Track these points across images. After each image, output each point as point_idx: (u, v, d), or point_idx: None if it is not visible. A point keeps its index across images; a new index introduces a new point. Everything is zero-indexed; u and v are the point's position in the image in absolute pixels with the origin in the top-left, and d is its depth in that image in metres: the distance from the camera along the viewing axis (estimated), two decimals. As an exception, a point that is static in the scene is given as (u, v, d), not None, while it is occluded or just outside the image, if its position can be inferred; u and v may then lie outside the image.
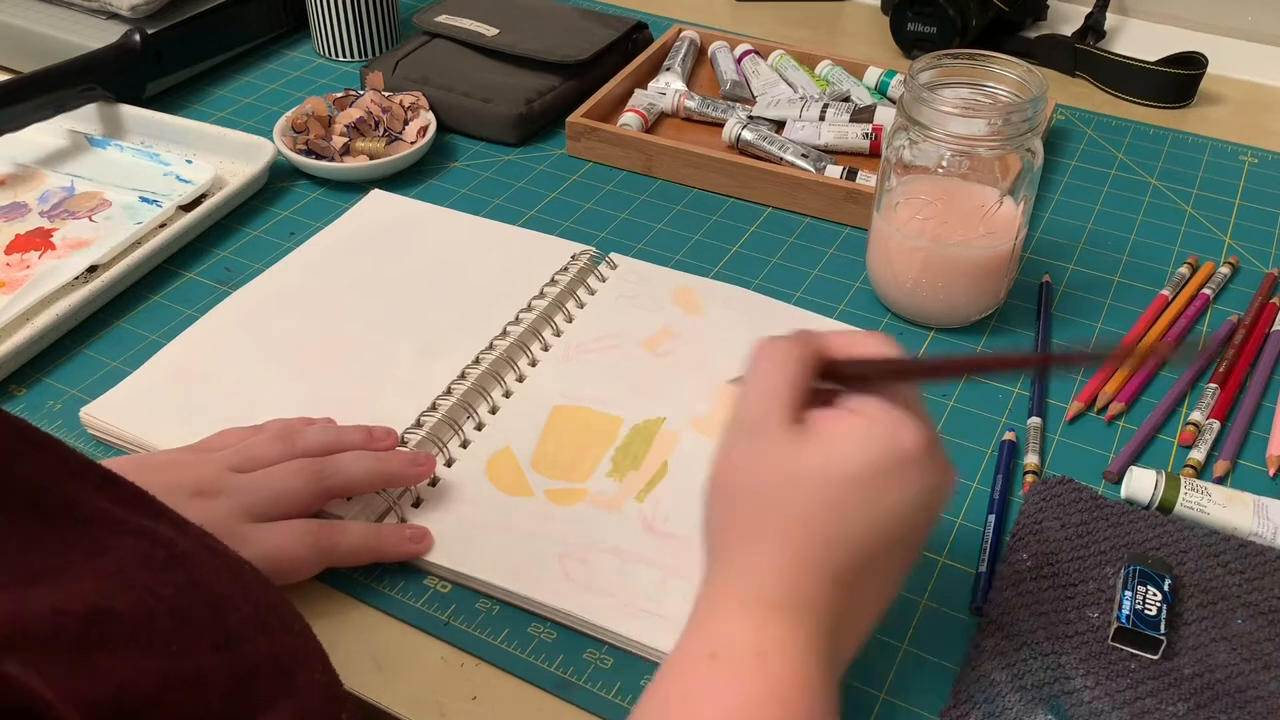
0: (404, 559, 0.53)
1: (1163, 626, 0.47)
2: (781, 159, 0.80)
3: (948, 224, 0.63)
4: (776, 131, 0.83)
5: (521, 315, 0.66)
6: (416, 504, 0.55)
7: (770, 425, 0.41)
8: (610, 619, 0.49)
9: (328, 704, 0.37)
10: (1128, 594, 0.49)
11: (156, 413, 0.59)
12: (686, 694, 0.39)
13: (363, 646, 0.50)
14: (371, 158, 0.80)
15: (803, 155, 0.80)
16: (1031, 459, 0.58)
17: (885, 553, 0.42)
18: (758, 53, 0.94)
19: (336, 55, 0.96)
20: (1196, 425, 0.60)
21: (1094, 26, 0.98)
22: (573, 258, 0.70)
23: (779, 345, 0.43)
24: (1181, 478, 0.55)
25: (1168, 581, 0.49)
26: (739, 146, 0.82)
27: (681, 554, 0.52)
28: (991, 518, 0.55)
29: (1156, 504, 0.55)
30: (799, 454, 0.41)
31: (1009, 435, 0.59)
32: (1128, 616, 0.48)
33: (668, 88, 0.89)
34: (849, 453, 0.40)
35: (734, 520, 0.42)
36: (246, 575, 0.38)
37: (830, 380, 0.44)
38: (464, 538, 0.53)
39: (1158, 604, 0.48)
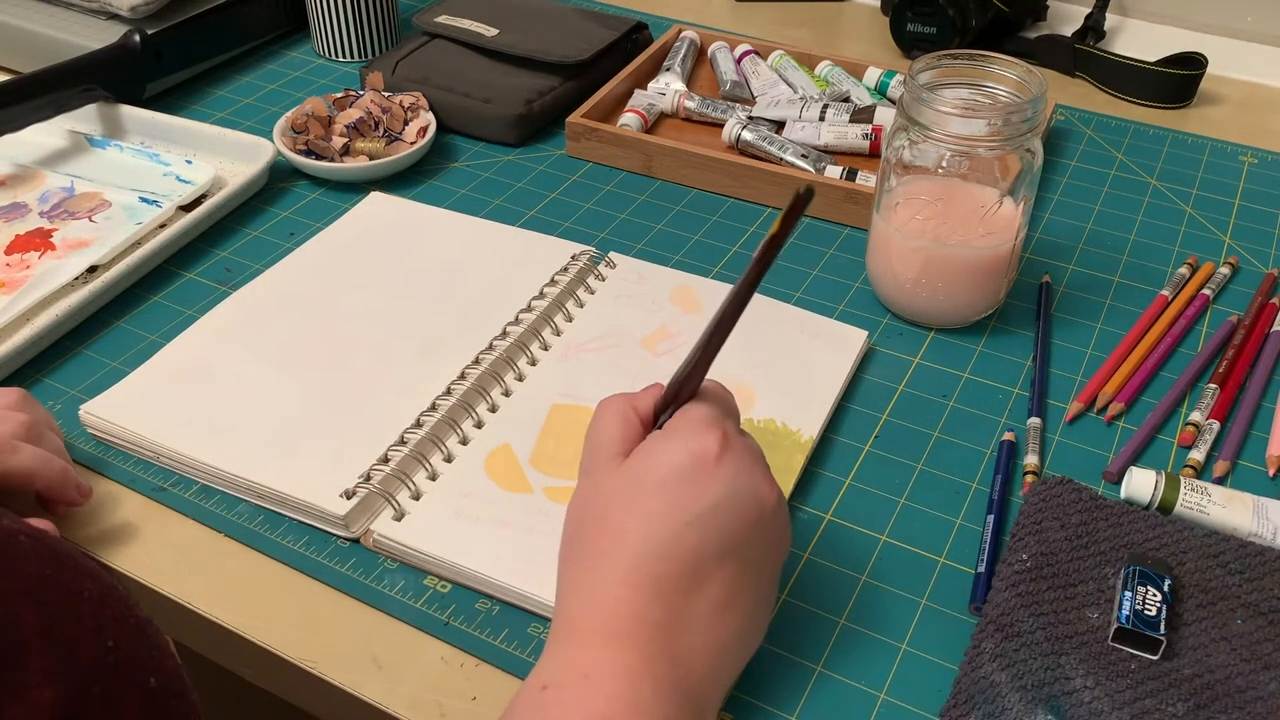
0: (67, 503, 0.54)
1: (1162, 627, 0.47)
2: (781, 159, 0.80)
3: (947, 224, 0.63)
4: (776, 132, 0.83)
5: (521, 315, 0.66)
6: (416, 497, 0.55)
7: (599, 464, 0.45)
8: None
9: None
10: (1127, 594, 0.49)
11: (156, 411, 0.59)
12: None
13: (363, 646, 0.50)
14: (371, 158, 0.80)
15: (803, 155, 0.80)
16: (1031, 459, 0.58)
17: (715, 563, 0.43)
18: (757, 53, 0.94)
19: (336, 55, 0.96)
20: (1196, 425, 0.60)
21: (1094, 27, 0.98)
22: (572, 258, 0.70)
23: (612, 401, 0.47)
24: (1181, 478, 0.55)
25: (1167, 582, 0.49)
26: (739, 147, 0.82)
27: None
28: (991, 518, 0.55)
29: (1156, 504, 0.55)
30: (615, 477, 0.44)
31: (1008, 435, 0.60)
32: (1128, 617, 0.48)
33: (667, 88, 0.89)
34: (651, 462, 0.44)
35: (567, 553, 0.45)
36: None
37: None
38: (463, 532, 0.53)
39: (1157, 604, 0.48)
